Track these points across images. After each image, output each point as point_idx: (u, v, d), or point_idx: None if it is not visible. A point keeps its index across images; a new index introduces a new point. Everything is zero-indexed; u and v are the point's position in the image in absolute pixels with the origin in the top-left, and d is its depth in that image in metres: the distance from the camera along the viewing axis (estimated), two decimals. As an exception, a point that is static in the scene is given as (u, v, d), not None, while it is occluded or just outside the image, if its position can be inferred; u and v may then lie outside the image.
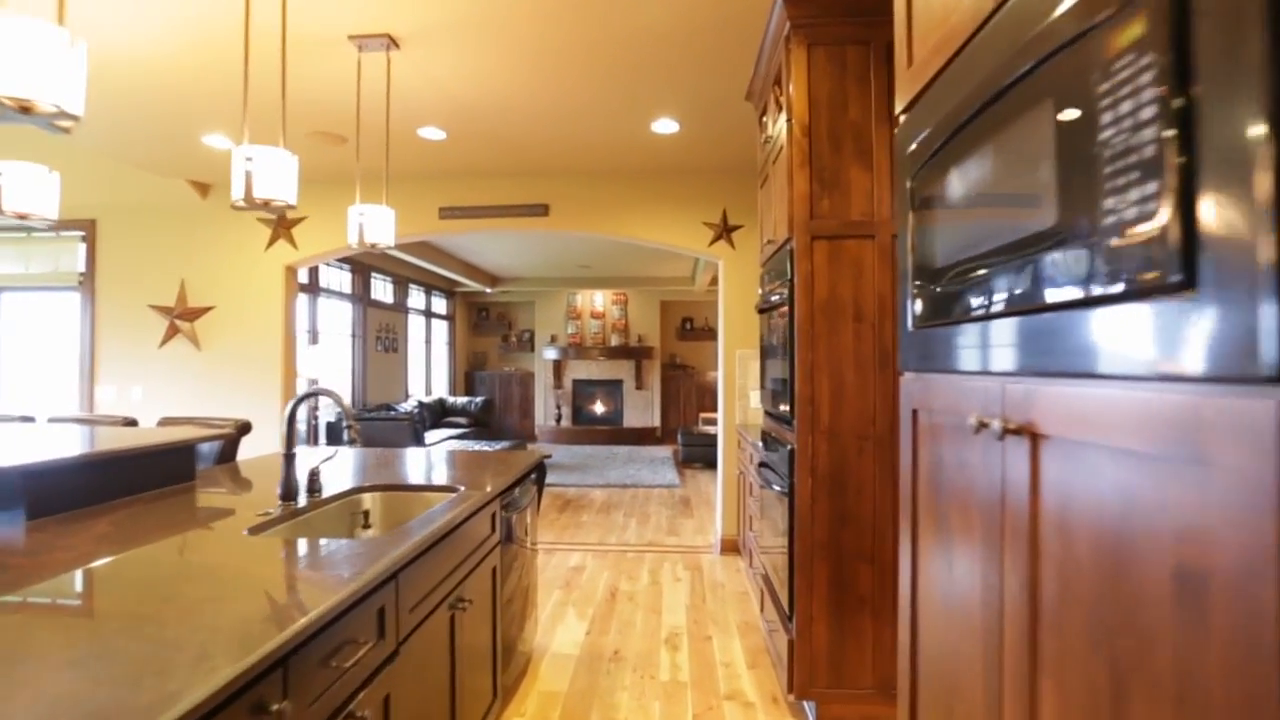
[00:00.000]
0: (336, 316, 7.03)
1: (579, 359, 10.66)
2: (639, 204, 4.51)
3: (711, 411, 10.38)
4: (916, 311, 1.09)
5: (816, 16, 2.28)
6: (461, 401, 9.49)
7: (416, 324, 9.30)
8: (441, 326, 10.45)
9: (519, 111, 3.39)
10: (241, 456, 4.27)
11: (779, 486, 2.52)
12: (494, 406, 10.66)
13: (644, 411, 10.77)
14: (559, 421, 10.75)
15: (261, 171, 1.75)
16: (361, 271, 7.43)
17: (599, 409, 10.87)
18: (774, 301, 2.63)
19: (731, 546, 4.39)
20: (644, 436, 10.58)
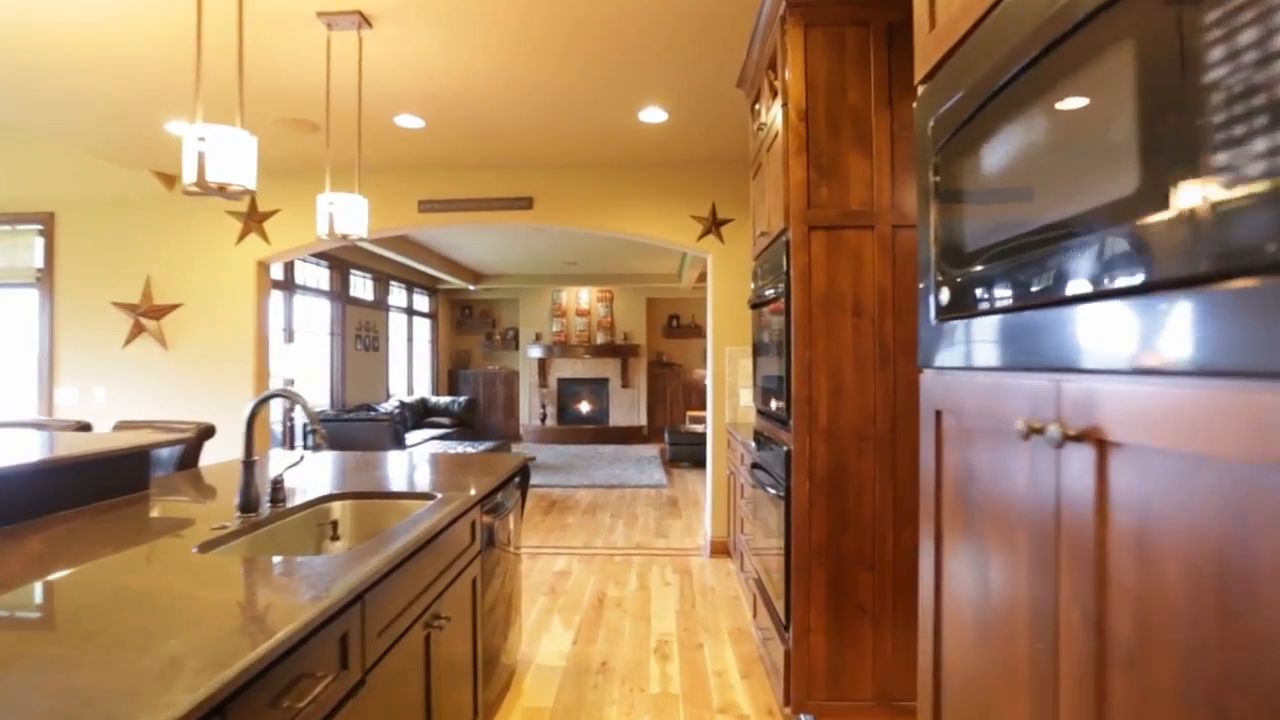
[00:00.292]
0: (314, 314, 6.82)
1: (564, 357, 10.51)
2: (625, 197, 4.38)
3: (698, 410, 10.28)
4: (942, 302, 0.98)
5: (814, -5, 2.17)
6: (444, 401, 9.30)
7: (398, 322, 9.10)
8: (424, 324, 10.24)
9: (501, 98, 3.25)
10: (211, 460, 4.09)
11: (774, 489, 2.41)
12: (478, 406, 10.47)
13: (630, 410, 10.64)
14: (544, 421, 10.59)
15: (216, 153, 1.59)
16: (340, 268, 7.23)
17: (584, 408, 10.72)
18: (768, 296, 2.52)
19: (721, 548, 4.28)
20: (630, 435, 10.46)
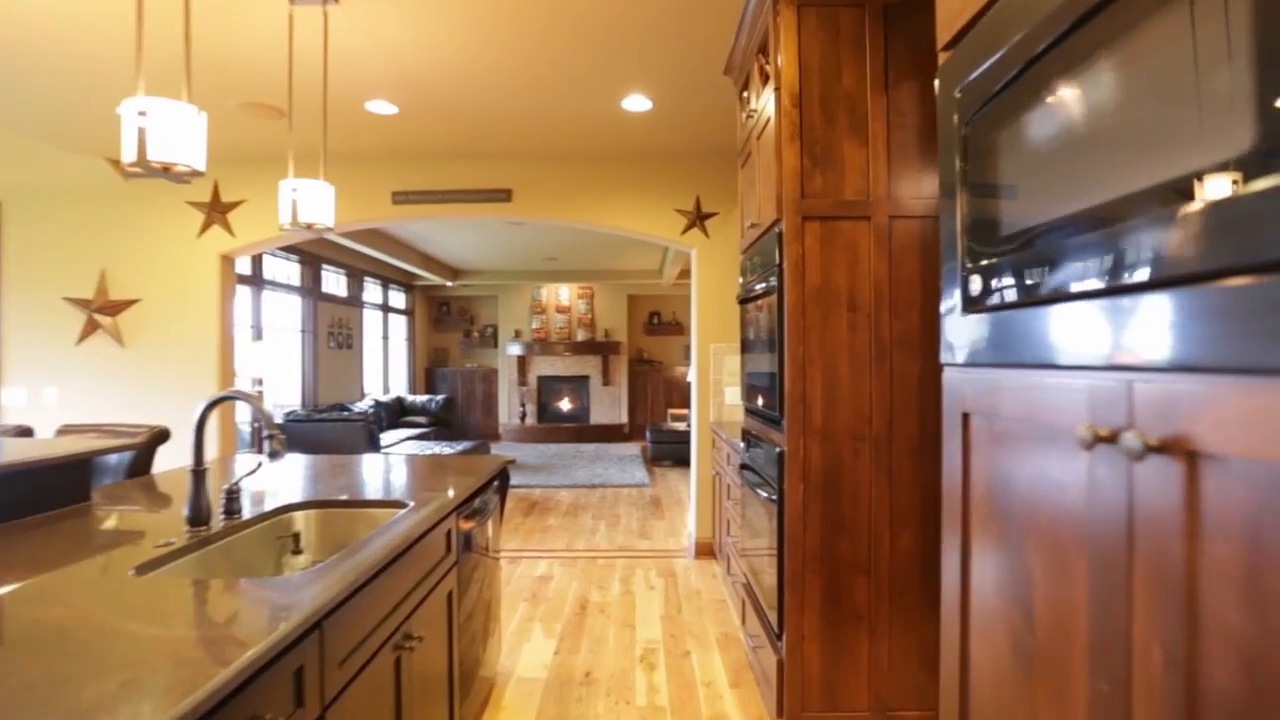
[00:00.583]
0: (284, 311, 6.58)
1: (544, 355, 10.35)
2: (607, 189, 4.25)
3: (680, 408, 10.20)
4: (972, 291, 0.88)
5: (807, -27, 2.07)
6: (421, 400, 9.09)
7: (373, 319, 8.86)
8: (400, 321, 10.01)
9: (478, 83, 3.10)
10: (172, 466, 3.89)
11: (765, 491, 2.31)
12: (456, 405, 10.26)
13: (611, 408, 10.51)
14: (524, 419, 10.42)
15: (159, 129, 1.44)
16: (311, 263, 6.99)
17: (565, 406, 10.57)
18: (758, 290, 2.42)
19: (706, 550, 4.18)
20: (611, 434, 10.33)
